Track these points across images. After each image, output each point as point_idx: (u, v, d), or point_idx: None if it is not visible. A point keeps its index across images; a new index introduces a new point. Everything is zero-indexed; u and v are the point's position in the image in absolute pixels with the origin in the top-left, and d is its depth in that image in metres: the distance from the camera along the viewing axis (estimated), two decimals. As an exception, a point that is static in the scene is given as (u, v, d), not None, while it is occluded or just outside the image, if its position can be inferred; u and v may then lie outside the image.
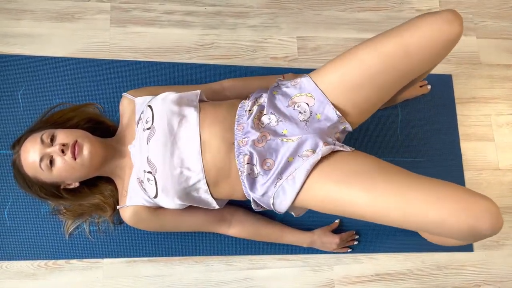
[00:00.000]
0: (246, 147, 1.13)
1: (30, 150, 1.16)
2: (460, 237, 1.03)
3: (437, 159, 1.61)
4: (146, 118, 1.19)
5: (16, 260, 1.37)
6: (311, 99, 1.17)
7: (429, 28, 1.07)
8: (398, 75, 1.12)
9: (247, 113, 1.18)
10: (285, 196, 1.13)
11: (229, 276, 1.43)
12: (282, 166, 1.12)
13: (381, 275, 1.50)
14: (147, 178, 1.16)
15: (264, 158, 1.13)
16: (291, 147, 1.12)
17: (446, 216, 0.98)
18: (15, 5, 1.53)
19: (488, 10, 1.79)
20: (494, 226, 0.97)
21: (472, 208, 0.97)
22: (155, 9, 1.60)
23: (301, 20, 1.67)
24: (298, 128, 1.14)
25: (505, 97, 1.70)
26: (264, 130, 1.14)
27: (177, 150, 1.14)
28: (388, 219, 1.05)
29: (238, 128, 1.17)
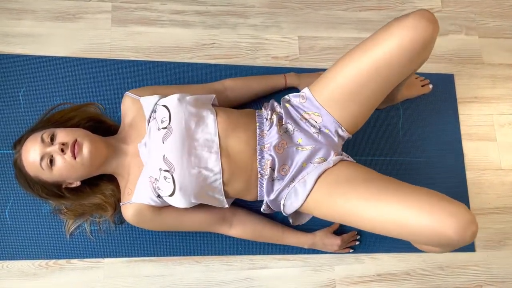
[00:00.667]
0: (269, 152, 1.21)
1: (30, 149, 1.16)
2: (428, 242, 1.07)
3: (438, 159, 1.60)
4: (162, 118, 1.20)
5: (17, 260, 1.37)
6: (318, 118, 1.25)
7: (393, 39, 1.09)
8: (378, 86, 1.18)
9: (268, 121, 1.25)
10: (296, 198, 1.21)
11: (230, 276, 1.43)
12: (296, 171, 1.21)
13: (383, 275, 1.49)
14: (163, 176, 1.16)
15: (282, 163, 1.21)
16: (305, 154, 1.21)
17: (412, 218, 1.01)
18: (16, 4, 1.53)
19: (490, 9, 1.78)
20: (460, 232, 0.97)
21: (436, 212, 0.99)
22: (156, 8, 1.60)
23: (302, 19, 1.67)
24: (312, 139, 1.24)
25: (507, 97, 1.70)
26: (283, 138, 1.22)
27: (194, 150, 1.17)
28: (361, 223, 1.11)
29: (260, 134, 1.24)
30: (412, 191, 1.06)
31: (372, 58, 1.13)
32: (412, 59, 1.12)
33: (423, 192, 1.05)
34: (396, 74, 1.16)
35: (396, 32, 1.09)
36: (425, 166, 1.59)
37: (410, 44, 1.08)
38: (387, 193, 1.07)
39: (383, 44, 1.11)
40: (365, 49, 1.14)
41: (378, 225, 1.08)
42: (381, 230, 1.09)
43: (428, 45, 1.11)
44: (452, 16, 1.75)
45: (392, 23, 1.12)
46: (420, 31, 1.07)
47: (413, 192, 1.05)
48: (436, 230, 0.98)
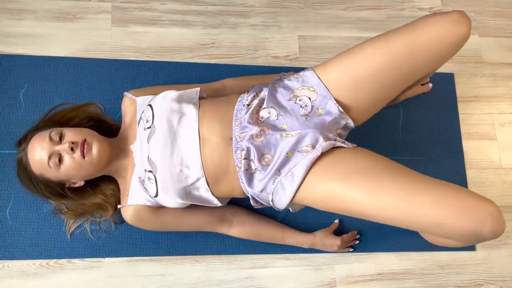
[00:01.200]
0: (243, 142, 1.12)
1: (38, 147, 1.16)
2: (460, 239, 1.03)
3: (439, 158, 1.60)
4: (147, 118, 1.20)
5: (17, 260, 1.37)
6: (313, 93, 1.16)
7: (437, 29, 1.07)
8: (402, 73, 1.12)
9: (245, 107, 1.16)
10: (284, 193, 1.11)
11: (231, 276, 1.43)
12: (281, 162, 1.10)
13: (383, 275, 1.49)
14: (147, 177, 1.16)
15: (262, 153, 1.11)
16: (291, 142, 1.10)
17: (446, 218, 0.97)
18: (16, 5, 1.54)
19: (490, 8, 1.78)
20: (495, 229, 0.96)
21: (473, 211, 0.96)
22: (156, 8, 1.60)
23: (302, 19, 1.67)
24: (298, 123, 1.13)
25: (507, 96, 1.70)
26: (263, 125, 1.13)
27: (177, 148, 1.14)
28: (388, 218, 1.04)
29: (236, 123, 1.15)
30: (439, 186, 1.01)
31: (410, 41, 1.08)
32: (446, 52, 1.11)
33: (450, 187, 1.01)
34: (426, 64, 1.12)
35: (441, 24, 1.07)
36: (425, 165, 1.59)
37: (452, 37, 1.07)
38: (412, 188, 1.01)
39: (425, 31, 1.08)
40: (405, 31, 1.10)
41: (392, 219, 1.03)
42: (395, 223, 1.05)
43: (462, 44, 1.10)
44: (452, 15, 1.75)
45: (435, 14, 1.09)
46: (463, 27, 1.07)
47: (437, 186, 1.01)
48: (472, 228, 0.96)
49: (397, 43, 1.09)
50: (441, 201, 0.98)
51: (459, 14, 1.07)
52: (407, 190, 1.01)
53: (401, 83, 1.16)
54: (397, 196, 1.01)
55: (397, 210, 1.01)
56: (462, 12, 1.08)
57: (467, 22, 1.07)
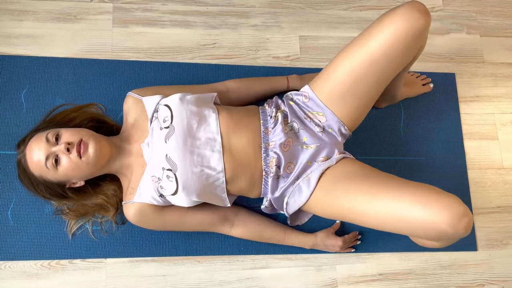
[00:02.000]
0: (274, 150, 1.22)
1: (35, 149, 1.16)
2: (427, 237, 1.08)
3: (440, 158, 1.60)
4: (164, 117, 1.21)
5: (19, 260, 1.38)
6: (323, 117, 1.26)
7: (385, 32, 1.11)
8: (374, 79, 1.19)
9: (273, 119, 1.25)
10: (300, 196, 1.22)
11: (232, 276, 1.43)
12: (301, 170, 1.22)
13: (384, 275, 1.49)
14: (166, 175, 1.16)
15: (288, 161, 1.22)
16: (310, 153, 1.23)
17: (407, 211, 1.02)
18: (17, 6, 1.54)
19: (491, 8, 1.78)
20: (453, 224, 0.98)
21: (430, 205, 1.00)
22: (157, 9, 1.60)
23: (303, 19, 1.67)
24: (316, 138, 1.25)
25: (508, 96, 1.69)
26: (289, 136, 1.23)
27: (196, 149, 1.18)
28: (360, 219, 1.12)
29: (264, 131, 1.24)
30: (408, 186, 1.07)
31: (366, 51, 1.14)
32: (406, 50, 1.14)
33: (418, 186, 1.07)
34: (391, 66, 1.17)
35: (389, 24, 1.10)
36: (427, 165, 1.59)
37: (403, 35, 1.10)
38: (383, 188, 1.08)
39: (377, 37, 1.12)
40: (360, 43, 1.16)
41: (379, 220, 1.09)
42: (380, 225, 1.10)
43: (421, 35, 1.12)
44: (453, 15, 1.75)
45: (384, 16, 1.13)
46: (412, 22, 1.08)
47: (409, 186, 1.07)
48: (430, 222, 1.00)
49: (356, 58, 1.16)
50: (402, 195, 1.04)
51: (412, 5, 1.09)
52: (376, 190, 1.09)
53: (380, 84, 1.22)
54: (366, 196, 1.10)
55: (367, 209, 1.09)
56: (415, 2, 1.10)
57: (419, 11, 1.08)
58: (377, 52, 1.13)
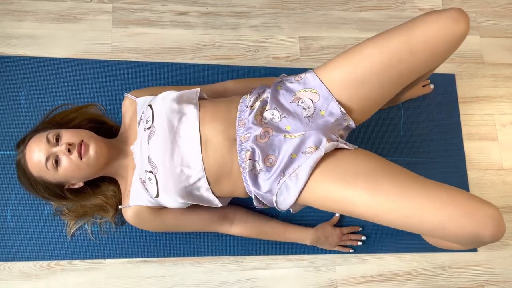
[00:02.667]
0: (248, 143, 1.12)
1: (35, 149, 1.16)
2: (461, 242, 1.03)
3: (440, 159, 1.60)
4: (147, 118, 1.20)
5: (18, 261, 1.37)
6: (315, 95, 1.16)
7: (435, 26, 1.06)
8: (402, 72, 1.12)
9: (248, 108, 1.17)
10: (288, 194, 1.12)
11: (232, 277, 1.43)
12: (285, 163, 1.11)
13: (384, 276, 1.49)
14: (148, 177, 1.16)
15: (266, 154, 1.12)
16: (294, 143, 1.11)
17: (447, 221, 0.97)
18: (17, 6, 1.54)
19: (491, 9, 1.78)
20: (496, 233, 0.96)
21: (474, 214, 0.96)
22: (157, 9, 1.60)
23: (303, 20, 1.67)
24: (302, 124, 1.14)
25: (508, 96, 1.69)
26: (267, 126, 1.14)
27: (177, 148, 1.14)
28: (389, 220, 1.04)
29: (239, 124, 1.15)
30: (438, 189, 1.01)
31: (408, 39, 1.08)
32: (444, 50, 1.10)
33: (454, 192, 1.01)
34: (424, 63, 1.11)
35: (439, 22, 1.06)
36: (427, 166, 1.59)
37: (449, 35, 1.06)
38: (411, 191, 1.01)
39: (423, 29, 1.07)
40: (403, 29, 1.09)
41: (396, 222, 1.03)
42: (397, 225, 1.05)
43: (460, 41, 1.09)
44: (453, 15, 1.75)
45: (433, 12, 1.09)
46: (460, 26, 1.06)
47: (438, 189, 1.01)
48: (472, 231, 0.96)
49: (395, 42, 1.09)
50: (442, 204, 0.98)
51: (456, 11, 1.07)
52: (407, 193, 1.01)
53: (400, 82, 1.15)
54: (397, 199, 1.01)
55: (397, 213, 1.01)
56: (459, 9, 1.07)
57: (465, 20, 1.06)
58: (420, 42, 1.07)
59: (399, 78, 1.13)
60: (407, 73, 1.13)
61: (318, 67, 1.19)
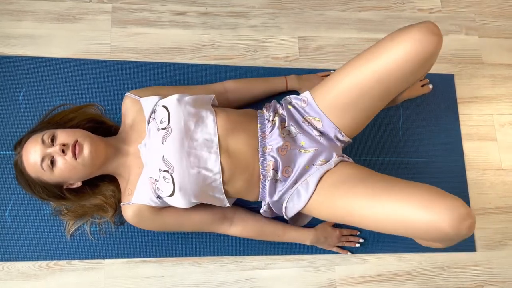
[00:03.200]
0: (272, 153, 1.21)
1: (31, 150, 1.16)
2: (427, 237, 1.07)
3: (439, 159, 1.60)
4: (161, 118, 1.20)
5: (17, 261, 1.37)
6: (319, 123, 1.26)
7: (396, 51, 1.10)
8: (379, 95, 1.19)
9: (270, 123, 1.25)
10: (299, 200, 1.22)
11: (231, 277, 1.43)
12: (299, 173, 1.21)
13: (383, 276, 1.49)
14: (163, 176, 1.16)
15: (285, 165, 1.22)
16: (308, 157, 1.22)
17: (409, 213, 1.01)
18: (16, 6, 1.54)
19: (490, 9, 1.78)
20: (455, 226, 0.98)
21: (433, 206, 0.99)
22: (156, 9, 1.60)
23: (302, 20, 1.67)
24: (314, 141, 1.24)
25: (507, 97, 1.70)
26: (286, 140, 1.22)
27: (193, 150, 1.17)
28: (361, 222, 1.12)
29: (261, 135, 1.24)
30: (409, 187, 1.07)
31: (374, 68, 1.13)
32: (414, 71, 1.13)
33: (419, 187, 1.06)
34: (397, 84, 1.17)
35: (401, 44, 1.09)
36: (426, 166, 1.59)
37: (414, 56, 1.09)
38: (385, 190, 1.08)
39: (386, 55, 1.11)
40: (368, 59, 1.15)
41: (379, 223, 1.09)
42: (382, 227, 1.10)
43: (432, 58, 1.12)
44: (452, 16, 1.75)
45: (396, 33, 1.11)
46: (425, 44, 1.07)
47: (410, 187, 1.06)
48: (433, 225, 0.99)
49: (363, 73, 1.15)
50: (404, 197, 1.04)
51: (421, 29, 1.07)
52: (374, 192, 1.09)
53: (384, 99, 1.22)
54: (368, 198, 1.09)
55: (369, 211, 1.08)
56: (429, 23, 1.08)
57: (432, 35, 1.07)
58: (385, 70, 1.12)
59: (381, 97, 1.20)
60: (385, 95, 1.20)
61: (314, 90, 1.27)
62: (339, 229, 1.47)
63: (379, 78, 1.14)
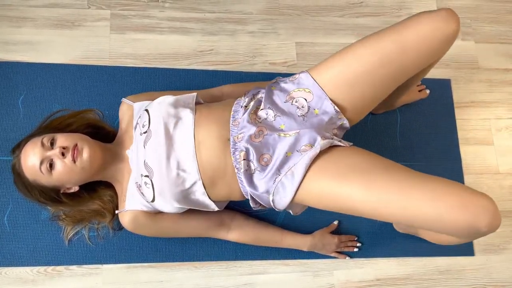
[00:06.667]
0: (242, 143, 1.12)
1: (30, 153, 1.16)
2: (457, 234, 1.02)
3: (436, 163, 1.60)
4: (143, 122, 1.20)
5: (15, 267, 1.37)
6: (309, 95, 1.16)
7: (426, 26, 1.08)
8: (394, 71, 1.13)
9: (243, 108, 1.17)
10: (284, 192, 1.11)
11: (229, 282, 1.43)
12: (280, 161, 1.10)
13: (382, 280, 1.49)
14: (144, 182, 1.16)
15: (261, 153, 1.11)
16: (289, 141, 1.10)
17: (443, 212, 0.97)
18: (16, 12, 1.55)
19: (486, 15, 1.80)
20: (491, 223, 0.96)
21: (469, 205, 0.96)
22: (155, 16, 1.61)
23: (299, 26, 1.68)
24: (296, 123, 1.14)
25: (504, 101, 1.71)
26: (261, 125, 1.13)
27: (173, 152, 1.14)
28: (385, 215, 1.03)
29: (233, 123, 1.15)
30: (431, 181, 1.01)
31: (402, 38, 1.09)
32: (436, 51, 1.12)
33: (445, 183, 1.01)
34: (416, 62, 1.13)
35: (429, 21, 1.08)
36: (423, 170, 1.53)
37: (440, 34, 1.08)
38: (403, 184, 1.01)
39: (415, 29, 1.09)
40: (394, 30, 1.11)
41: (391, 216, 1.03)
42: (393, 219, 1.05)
43: (452, 41, 1.11)
44: (448, 21, 1.77)
45: (422, 14, 1.10)
46: (451, 25, 1.08)
47: (434, 182, 1.01)
48: (468, 222, 0.95)
49: (386, 42, 1.10)
50: (437, 195, 0.98)
51: (447, 11, 1.09)
52: (403, 186, 1.01)
53: (392, 81, 1.16)
54: (393, 192, 1.01)
55: (393, 206, 1.01)
56: (450, 10, 1.09)
57: (456, 20, 1.08)
58: (411, 41, 1.09)
59: (391, 77, 1.14)
60: (399, 72, 1.14)
61: (312, 68, 1.20)
62: (338, 235, 1.46)
63: (402, 51, 1.09)
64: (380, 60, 1.11)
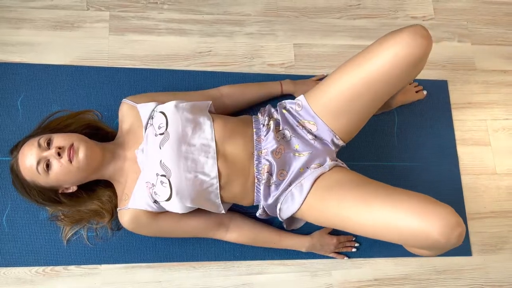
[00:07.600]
0: (267, 157, 1.23)
1: (27, 154, 1.17)
2: (419, 246, 1.08)
3: (433, 164, 1.61)
4: (159, 124, 1.22)
5: (14, 267, 1.37)
6: (314, 126, 1.27)
7: (385, 55, 1.11)
8: (369, 99, 1.20)
9: (265, 127, 1.27)
10: (293, 202, 1.22)
11: (228, 282, 1.43)
12: (294, 176, 1.23)
13: (380, 280, 1.49)
14: (160, 181, 1.17)
15: (281, 168, 1.23)
16: (302, 160, 1.23)
17: (401, 222, 1.02)
18: (15, 14, 1.55)
19: (482, 17, 1.81)
20: (446, 234, 0.99)
21: (424, 214, 1.00)
22: (154, 17, 1.62)
23: (297, 27, 1.69)
24: (308, 145, 1.26)
25: (500, 102, 1.72)
26: (281, 144, 1.24)
27: (190, 155, 1.18)
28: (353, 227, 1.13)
29: (257, 139, 1.26)
30: (402, 195, 1.07)
31: (364, 73, 1.15)
32: (404, 74, 1.14)
33: (411, 195, 1.07)
34: (387, 88, 1.18)
35: (390, 48, 1.10)
36: (420, 171, 1.60)
37: (403, 60, 1.10)
38: (378, 197, 1.08)
39: (376, 60, 1.12)
40: (358, 64, 1.16)
41: (370, 229, 1.09)
42: (373, 234, 1.11)
43: (421, 61, 1.13)
44: (445, 23, 1.78)
45: (385, 38, 1.12)
46: (414, 48, 1.08)
47: (403, 195, 1.07)
48: (424, 232, 1.00)
49: (353, 78, 1.17)
50: (396, 204, 1.04)
51: (415, 30, 1.08)
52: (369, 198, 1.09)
53: (376, 103, 1.23)
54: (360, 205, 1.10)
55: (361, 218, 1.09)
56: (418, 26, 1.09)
57: (426, 35, 1.09)
58: (374, 75, 1.13)
59: (373, 101, 1.22)
60: (379, 97, 1.21)
61: (309, 93, 1.29)
62: (336, 236, 1.47)
63: (370, 82, 1.15)
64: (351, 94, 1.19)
